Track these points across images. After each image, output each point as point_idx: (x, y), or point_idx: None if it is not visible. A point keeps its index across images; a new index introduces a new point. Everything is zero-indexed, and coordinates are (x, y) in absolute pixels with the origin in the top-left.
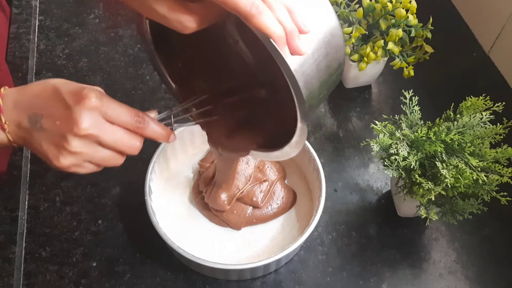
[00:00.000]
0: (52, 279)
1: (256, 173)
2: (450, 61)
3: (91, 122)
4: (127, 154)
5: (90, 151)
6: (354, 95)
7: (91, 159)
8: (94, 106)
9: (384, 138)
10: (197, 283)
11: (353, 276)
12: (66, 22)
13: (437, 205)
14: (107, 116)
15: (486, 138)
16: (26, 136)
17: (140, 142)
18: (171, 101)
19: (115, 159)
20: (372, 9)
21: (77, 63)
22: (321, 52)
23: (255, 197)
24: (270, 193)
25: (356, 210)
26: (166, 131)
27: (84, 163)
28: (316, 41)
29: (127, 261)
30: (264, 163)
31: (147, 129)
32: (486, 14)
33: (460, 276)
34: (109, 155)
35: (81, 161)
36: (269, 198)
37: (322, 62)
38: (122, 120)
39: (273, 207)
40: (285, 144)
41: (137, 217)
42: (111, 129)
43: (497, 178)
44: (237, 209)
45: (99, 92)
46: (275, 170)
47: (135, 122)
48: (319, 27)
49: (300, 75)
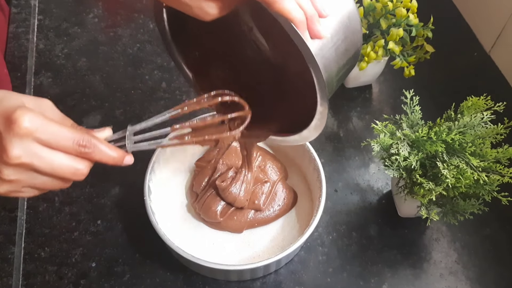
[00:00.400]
0: (51, 280)
1: (258, 173)
2: (451, 61)
3: (22, 149)
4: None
5: (26, 178)
6: (355, 94)
7: (29, 185)
8: (26, 132)
9: (384, 138)
10: (197, 283)
11: (353, 276)
12: (65, 21)
13: (438, 205)
14: (43, 141)
15: (487, 138)
16: None
17: (86, 166)
18: (171, 101)
19: (58, 184)
20: (373, 9)
21: (76, 63)
22: (340, 36)
23: (257, 199)
24: (272, 194)
25: (356, 210)
26: (118, 153)
27: (23, 188)
28: (334, 25)
29: (126, 262)
30: (265, 163)
31: (94, 153)
32: (487, 14)
33: (461, 276)
34: (50, 181)
35: (19, 187)
36: (271, 200)
37: (341, 46)
38: (62, 145)
39: (275, 209)
40: (303, 128)
41: (136, 217)
42: (48, 155)
43: (498, 178)
44: (237, 214)
45: (33, 114)
46: (276, 170)
47: (78, 146)
48: (337, 11)
49: (320, 58)
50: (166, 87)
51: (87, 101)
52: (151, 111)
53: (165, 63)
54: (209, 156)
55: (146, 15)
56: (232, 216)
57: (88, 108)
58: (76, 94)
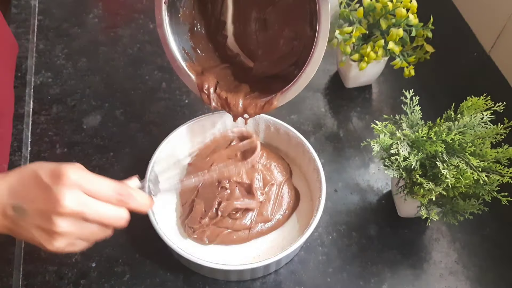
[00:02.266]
0: (51, 280)
1: (264, 173)
2: (451, 61)
3: (73, 199)
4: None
5: (78, 228)
6: (355, 95)
7: (80, 236)
8: (74, 183)
9: (384, 138)
10: (197, 283)
11: (353, 276)
12: (65, 22)
13: (437, 205)
14: (89, 191)
15: (487, 138)
16: (11, 226)
17: (126, 213)
18: (171, 101)
19: (103, 232)
20: (373, 9)
21: (76, 63)
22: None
23: (265, 211)
24: (279, 198)
25: (356, 210)
26: (149, 201)
27: (76, 241)
28: None
29: (126, 262)
30: (270, 162)
31: (131, 202)
32: (487, 14)
33: (461, 276)
34: (97, 229)
35: (72, 239)
36: (278, 206)
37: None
38: (105, 195)
39: (280, 214)
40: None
41: (137, 217)
42: (95, 203)
43: (498, 178)
44: (244, 229)
45: (77, 168)
46: (282, 170)
47: (119, 195)
48: None
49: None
50: (166, 87)
51: (87, 101)
52: (151, 111)
53: (165, 63)
54: (201, 155)
55: (146, 16)
56: (237, 229)
57: (88, 108)
58: (76, 94)
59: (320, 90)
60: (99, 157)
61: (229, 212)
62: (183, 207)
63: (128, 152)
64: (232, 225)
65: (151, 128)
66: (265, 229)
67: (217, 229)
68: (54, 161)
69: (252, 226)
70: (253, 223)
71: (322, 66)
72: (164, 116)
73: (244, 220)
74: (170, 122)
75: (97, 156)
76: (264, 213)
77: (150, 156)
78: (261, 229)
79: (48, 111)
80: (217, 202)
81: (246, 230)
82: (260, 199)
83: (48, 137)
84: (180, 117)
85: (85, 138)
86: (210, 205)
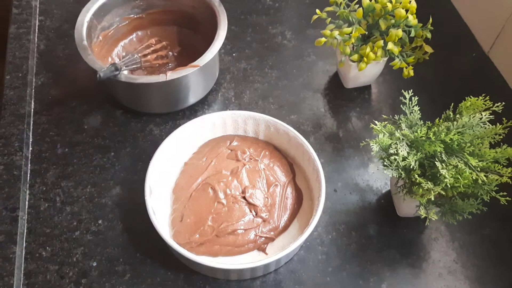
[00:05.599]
0: (52, 279)
1: (267, 174)
2: (450, 61)
3: None
4: None
5: None
6: (354, 95)
7: None
8: None
9: (383, 138)
10: (197, 283)
11: (353, 275)
12: (66, 22)
13: (436, 205)
14: None
15: (486, 138)
16: None
17: None
18: None
19: None
20: (372, 9)
21: (77, 63)
22: None
23: (272, 219)
24: (284, 200)
25: (356, 210)
26: None
27: None
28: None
29: (127, 261)
30: (274, 163)
31: None
32: (485, 14)
33: (460, 276)
34: None
35: None
36: (283, 210)
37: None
38: None
39: (284, 219)
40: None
41: (137, 217)
42: None
43: (497, 178)
44: (244, 243)
45: None
46: (285, 170)
47: None
48: None
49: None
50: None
51: (87, 101)
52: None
53: None
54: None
55: None
56: (242, 245)
57: (89, 108)
58: (76, 95)
59: (319, 91)
60: (100, 157)
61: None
62: (173, 209)
63: (129, 152)
64: (234, 241)
65: (151, 128)
66: (272, 236)
67: (214, 247)
68: (55, 161)
69: (258, 239)
70: (259, 237)
71: (321, 67)
72: (165, 116)
73: (248, 236)
74: (170, 122)
75: (98, 156)
76: (271, 221)
77: (150, 156)
78: (269, 236)
79: (49, 111)
80: (211, 218)
81: (251, 243)
82: (265, 216)
83: (49, 137)
84: (180, 117)
85: (86, 138)
86: (202, 220)
